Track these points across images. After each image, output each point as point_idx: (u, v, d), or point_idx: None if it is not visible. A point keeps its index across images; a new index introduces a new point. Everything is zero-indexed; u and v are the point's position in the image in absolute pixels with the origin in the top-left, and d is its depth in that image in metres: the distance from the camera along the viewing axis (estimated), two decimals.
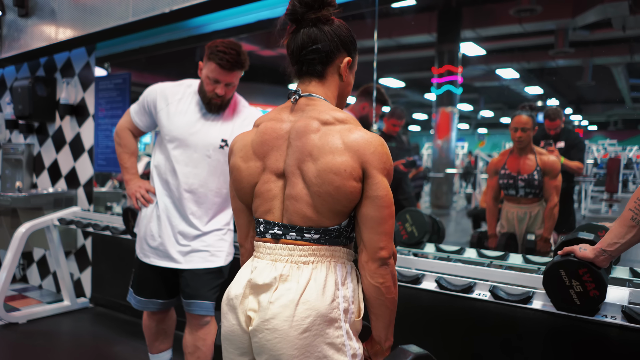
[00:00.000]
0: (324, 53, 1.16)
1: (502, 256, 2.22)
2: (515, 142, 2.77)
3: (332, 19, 1.18)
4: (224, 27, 3.13)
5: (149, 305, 2.18)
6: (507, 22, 7.31)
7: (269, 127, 1.18)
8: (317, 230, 1.13)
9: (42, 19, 3.58)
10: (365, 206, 1.11)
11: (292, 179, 1.13)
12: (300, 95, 1.18)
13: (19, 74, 4.40)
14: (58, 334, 3.34)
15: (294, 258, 1.13)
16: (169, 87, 2.15)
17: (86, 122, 3.84)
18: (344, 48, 1.19)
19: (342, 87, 1.23)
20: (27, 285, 4.40)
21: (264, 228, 1.19)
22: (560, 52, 6.61)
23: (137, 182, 2.22)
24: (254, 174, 1.19)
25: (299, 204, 1.12)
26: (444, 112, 10.43)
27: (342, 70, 1.20)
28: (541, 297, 1.72)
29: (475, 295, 1.83)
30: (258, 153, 1.19)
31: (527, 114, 2.76)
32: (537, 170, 2.75)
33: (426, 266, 2.06)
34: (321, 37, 1.15)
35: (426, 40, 10.20)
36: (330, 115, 1.13)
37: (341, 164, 1.08)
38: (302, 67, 1.19)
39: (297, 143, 1.12)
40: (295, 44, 1.16)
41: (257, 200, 1.20)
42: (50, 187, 4.13)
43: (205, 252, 2.10)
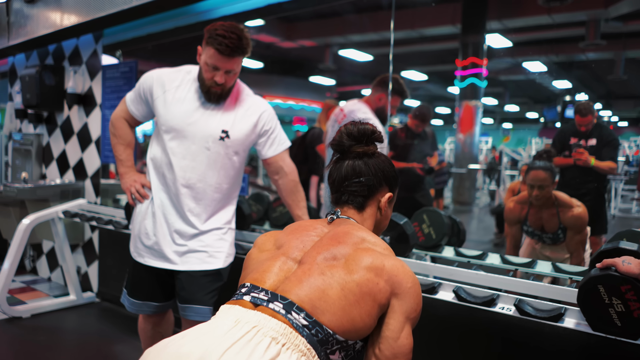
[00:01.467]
0: (367, 187, 1.15)
1: (528, 263, 2.00)
2: (533, 200, 2.47)
3: (376, 152, 1.18)
4: (233, 11, 2.95)
5: (143, 308, 2.03)
6: (535, 13, 6.97)
7: (300, 227, 1.14)
8: (309, 317, 0.92)
9: (47, 5, 3.46)
10: (379, 347, 0.98)
11: (310, 264, 1.00)
12: (339, 216, 1.16)
13: (28, 62, 4.31)
14: (61, 330, 3.24)
15: (263, 329, 0.88)
16: (167, 73, 1.99)
17: (93, 112, 3.72)
18: (386, 183, 1.18)
19: (379, 220, 1.21)
20: (37, 278, 4.34)
21: (246, 291, 0.99)
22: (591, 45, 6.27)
23: (132, 175, 2.07)
24: (263, 258, 1.08)
25: (306, 284, 0.95)
26: (467, 106, 10.08)
27: (383, 205, 1.19)
28: (574, 315, 1.51)
29: (498, 309, 1.63)
30: (279, 241, 1.11)
31: (544, 168, 2.43)
32: (561, 228, 2.49)
33: (443, 273, 1.86)
34: (366, 171, 1.15)
35: (450, 31, 9.84)
36: (372, 236, 1.08)
37: (376, 277, 0.98)
38: (342, 196, 1.18)
39: (331, 241, 1.05)
40: (339, 173, 1.16)
41: (251, 272, 1.04)
42: (58, 178, 4.04)
43: (203, 252, 1.94)
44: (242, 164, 2.03)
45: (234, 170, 1.98)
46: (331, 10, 6.15)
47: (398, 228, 2.01)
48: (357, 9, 5.07)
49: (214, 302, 1.94)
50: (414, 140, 3.84)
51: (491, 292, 1.67)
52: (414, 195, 3.77)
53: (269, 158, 2.04)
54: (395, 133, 3.87)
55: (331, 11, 6.20)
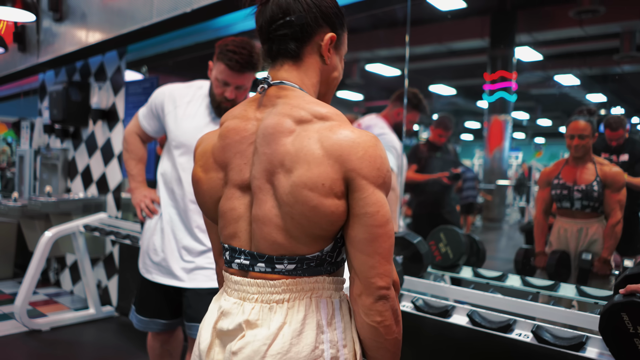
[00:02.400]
0: (298, 27, 0.91)
1: (551, 286, 1.89)
2: (572, 151, 2.44)
3: None
4: (250, 27, 2.96)
5: (150, 326, 2.00)
6: (566, 25, 6.80)
7: (232, 129, 0.94)
8: (292, 259, 0.88)
9: (74, 23, 3.56)
10: (353, 227, 0.85)
11: (259, 196, 0.89)
12: (270, 83, 0.93)
13: (57, 79, 4.43)
14: (79, 344, 3.25)
15: (264, 296, 0.89)
16: (178, 88, 1.99)
17: (116, 127, 3.78)
18: (325, 22, 0.93)
19: (326, 72, 0.98)
20: (60, 290, 4.39)
21: (229, 256, 0.95)
22: (626, 57, 6.08)
23: (142, 190, 2.06)
24: (216, 187, 0.96)
25: (267, 228, 0.88)
26: (496, 120, 9.89)
27: (324, 50, 0.94)
28: (597, 344, 1.40)
29: (515, 335, 1.53)
30: (219, 161, 0.95)
31: (585, 119, 2.43)
32: (597, 182, 2.39)
33: (459, 295, 1.77)
34: (295, 8, 0.90)
35: (478, 45, 9.74)
36: (307, 110, 0.88)
37: (318, 177, 0.83)
38: (272, 46, 0.94)
39: (265, 150, 0.87)
40: (264, 17, 0.92)
41: (221, 221, 0.96)
42: (82, 192, 4.10)
43: (210, 269, 1.91)
44: None
45: None
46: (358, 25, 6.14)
47: (412, 247, 1.93)
48: (384, 24, 5.04)
49: None
50: (436, 153, 3.76)
51: (507, 317, 1.57)
52: (440, 211, 3.67)
53: None
54: (417, 147, 3.80)
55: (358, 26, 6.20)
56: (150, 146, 3.43)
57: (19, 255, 4.82)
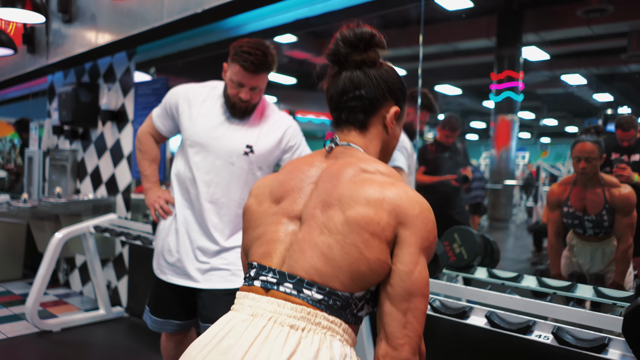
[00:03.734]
0: (367, 100, 1.00)
1: (568, 287, 1.87)
2: (578, 174, 2.35)
3: (379, 62, 1.02)
4: (261, 27, 2.96)
5: (165, 327, 2.00)
6: (574, 25, 6.77)
7: (296, 168, 1.01)
8: (322, 289, 0.87)
9: (83, 24, 3.57)
10: (391, 283, 0.87)
11: (310, 222, 0.91)
12: (337, 143, 1.02)
13: (66, 80, 4.44)
14: (90, 345, 3.26)
15: (280, 317, 0.86)
16: (193, 88, 1.99)
17: (125, 128, 3.79)
18: (391, 96, 1.02)
19: (387, 140, 1.06)
20: (69, 291, 4.41)
21: (255, 273, 0.94)
22: (634, 56, 6.05)
23: (156, 191, 2.06)
24: (264, 215, 0.99)
25: (310, 251, 0.88)
26: (503, 120, 9.88)
27: (388, 122, 1.03)
28: (619, 345, 1.38)
29: (535, 337, 1.51)
30: (276, 194, 1.00)
31: (592, 140, 2.31)
32: (607, 209, 2.33)
33: (476, 296, 1.76)
34: (366, 82, 0.99)
35: (485, 45, 9.73)
36: (371, 164, 0.96)
37: (375, 215, 0.87)
38: (341, 114, 1.02)
39: (326, 185, 0.94)
40: (336, 88, 1.01)
41: (256, 242, 0.97)
42: (91, 193, 4.11)
43: (225, 270, 1.90)
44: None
45: None
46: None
47: None
48: (388, 24, 5.03)
49: None
50: (444, 153, 3.74)
51: (527, 319, 1.56)
52: (450, 212, 3.65)
53: None
54: (424, 147, 3.78)
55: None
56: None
57: (28, 256, 4.84)
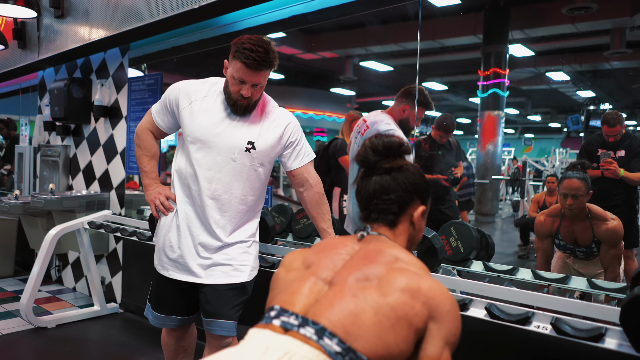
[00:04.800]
0: (397, 204, 1.08)
1: (562, 279, 1.93)
2: (566, 210, 2.41)
3: (405, 165, 1.10)
4: (257, 23, 2.96)
5: (167, 322, 2.02)
6: (558, 22, 6.82)
7: (331, 244, 1.05)
8: (342, 343, 0.86)
9: (76, 20, 3.54)
10: None
11: (342, 286, 0.92)
12: (369, 232, 1.08)
13: (57, 76, 4.40)
14: (85, 341, 3.25)
15: (295, 356, 0.83)
16: (193, 84, 1.98)
17: (119, 124, 3.77)
18: (418, 197, 1.10)
19: (413, 234, 1.13)
20: (62, 287, 4.38)
21: (274, 314, 0.92)
22: (616, 53, 6.13)
23: (156, 187, 2.06)
24: (291, 279, 1.01)
25: (338, 307, 0.88)
26: (489, 116, 9.91)
27: (416, 220, 1.11)
28: (616, 335, 1.44)
29: (533, 327, 1.57)
30: (308, 261, 1.03)
31: (579, 177, 2.37)
32: (595, 242, 2.40)
33: (474, 289, 1.80)
34: (395, 187, 1.07)
35: (472, 42, 9.73)
36: (405, 255, 1.00)
37: (411, 299, 0.90)
38: (371, 214, 1.10)
39: (363, 260, 0.97)
40: (366, 191, 1.09)
41: (280, 292, 0.98)
42: (84, 189, 4.09)
43: (227, 266, 1.92)
44: (267, 176, 2.02)
45: (259, 182, 1.97)
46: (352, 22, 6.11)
47: (426, 242, 1.96)
48: (378, 21, 5.05)
49: (238, 317, 1.92)
50: (437, 150, 3.79)
51: (526, 310, 1.61)
52: (440, 207, 3.71)
53: (294, 170, 2.02)
54: (418, 144, 3.82)
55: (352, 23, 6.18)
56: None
57: (19, 253, 4.80)
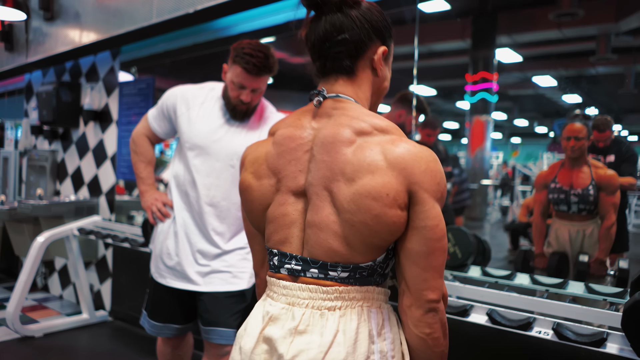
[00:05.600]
0: (352, 44, 0.92)
1: (559, 284, 1.94)
2: (568, 152, 2.51)
3: (359, 1, 0.94)
4: (251, 28, 2.95)
5: (164, 331, 1.98)
6: (545, 28, 6.95)
7: (287, 136, 0.94)
8: (346, 267, 0.89)
9: (66, 22, 3.49)
10: (411, 239, 0.86)
11: (316, 202, 0.89)
12: (325, 96, 0.94)
13: (45, 79, 4.33)
14: (74, 350, 3.19)
15: (316, 302, 0.89)
16: (191, 90, 1.97)
17: (109, 128, 3.72)
18: (377, 36, 0.94)
19: (377, 83, 0.99)
20: (48, 295, 4.30)
21: (278, 261, 0.95)
22: (601, 59, 6.23)
23: (153, 194, 2.03)
24: (267, 193, 0.95)
25: (323, 234, 0.88)
26: (478, 121, 10.07)
27: (377, 64, 0.95)
28: (617, 340, 1.45)
29: (535, 333, 1.57)
30: (273, 167, 0.95)
31: (580, 122, 2.52)
32: (593, 185, 2.47)
33: (473, 295, 1.81)
34: (348, 25, 0.91)
35: (459, 46, 9.92)
36: (367, 122, 0.89)
37: (383, 187, 0.84)
38: (325, 62, 0.94)
39: (324, 157, 0.88)
40: (316, 35, 0.92)
41: (270, 226, 0.96)
42: (72, 194, 4.02)
43: (226, 273, 1.90)
44: None
45: None
46: None
47: None
48: None
49: (237, 324, 1.89)
50: None
51: (527, 315, 1.61)
52: None
53: None
54: None
55: None
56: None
57: (3, 259, 4.70)
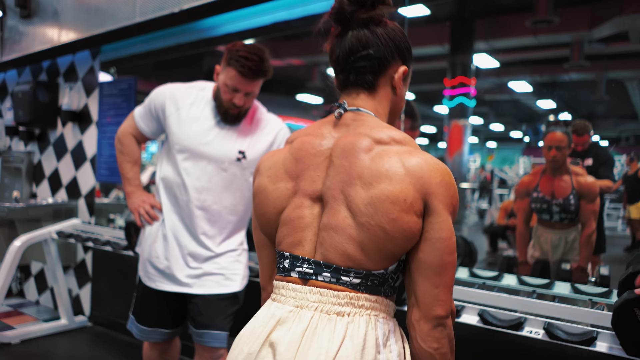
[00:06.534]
0: (376, 60, 0.96)
1: (546, 285, 1.97)
2: (549, 162, 2.53)
3: (385, 20, 0.98)
4: (237, 29, 2.93)
5: (152, 336, 1.94)
6: (521, 34, 7.06)
7: (306, 142, 0.97)
8: (358, 273, 0.89)
9: (44, 21, 3.40)
10: (423, 250, 0.88)
11: (332, 205, 0.90)
12: (346, 109, 0.98)
13: (20, 79, 4.21)
14: (52, 357, 3.10)
15: (325, 306, 0.89)
16: (180, 89, 1.92)
17: (89, 130, 3.64)
18: (399, 55, 0.99)
19: (395, 102, 1.03)
20: (24, 301, 4.17)
21: (289, 264, 0.95)
22: (575, 66, 6.37)
23: (140, 195, 1.99)
24: (283, 197, 0.96)
25: (339, 237, 0.89)
26: (456, 125, 10.15)
27: (397, 82, 1.00)
28: (606, 338, 1.48)
29: (526, 333, 1.59)
30: (291, 172, 0.96)
31: (562, 130, 2.51)
32: (573, 194, 2.50)
33: (464, 295, 1.82)
34: (374, 41, 0.95)
35: (438, 51, 9.94)
36: (385, 133, 0.93)
37: (401, 192, 0.86)
38: (349, 76, 0.98)
39: (343, 162, 0.91)
40: (342, 49, 0.96)
41: (283, 229, 0.96)
42: (50, 197, 3.92)
43: (219, 275, 1.86)
44: None
45: (250, 191, 1.93)
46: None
47: None
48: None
49: (230, 327, 1.86)
50: None
51: (518, 315, 1.63)
52: None
53: None
54: None
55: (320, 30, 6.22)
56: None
57: None
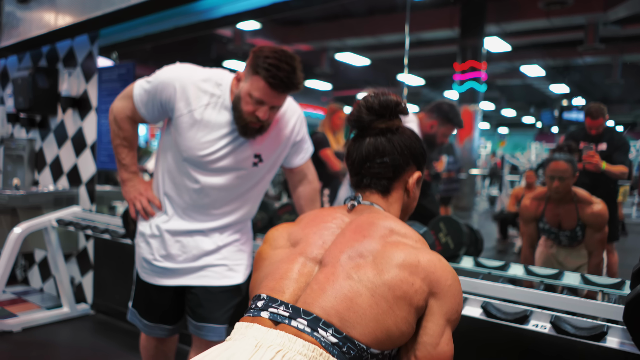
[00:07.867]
0: (391, 168, 1.00)
1: (555, 275, 1.89)
2: (552, 192, 2.38)
3: (401, 127, 1.03)
4: (236, 10, 2.83)
5: (156, 331, 1.86)
6: (534, 17, 6.86)
7: (319, 217, 0.98)
8: (338, 333, 0.80)
9: (41, 5, 3.33)
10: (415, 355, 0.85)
11: (334, 266, 0.86)
12: (360, 202, 1.01)
13: (21, 65, 4.16)
14: (54, 345, 3.08)
15: (289, 353, 0.77)
16: (193, 83, 1.66)
17: (88, 116, 3.58)
18: (414, 161, 1.03)
19: (407, 203, 1.06)
20: (28, 288, 4.17)
21: (263, 305, 0.86)
22: (590, 49, 6.17)
23: (137, 184, 1.85)
24: (277, 257, 0.95)
25: (332, 291, 0.83)
26: (466, 110, 9.96)
27: (410, 186, 1.04)
28: (617, 333, 1.39)
29: (532, 326, 1.51)
30: (294, 238, 0.96)
31: (566, 159, 2.34)
32: (580, 225, 2.38)
33: (467, 286, 1.74)
34: (390, 150, 0.99)
35: (448, 35, 9.74)
36: (401, 227, 0.93)
37: (410, 276, 0.85)
38: (363, 179, 1.02)
39: (356, 235, 0.89)
40: (359, 154, 1.01)
41: (266, 279, 0.91)
42: (51, 184, 3.89)
43: (222, 266, 1.77)
44: (272, 177, 1.88)
45: (264, 188, 1.85)
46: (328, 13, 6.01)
47: None
48: (353, 13, 4.94)
49: (229, 320, 1.79)
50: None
51: (523, 308, 1.55)
52: (421, 201, 3.65)
53: (295, 167, 1.89)
54: None
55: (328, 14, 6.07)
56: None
57: None
